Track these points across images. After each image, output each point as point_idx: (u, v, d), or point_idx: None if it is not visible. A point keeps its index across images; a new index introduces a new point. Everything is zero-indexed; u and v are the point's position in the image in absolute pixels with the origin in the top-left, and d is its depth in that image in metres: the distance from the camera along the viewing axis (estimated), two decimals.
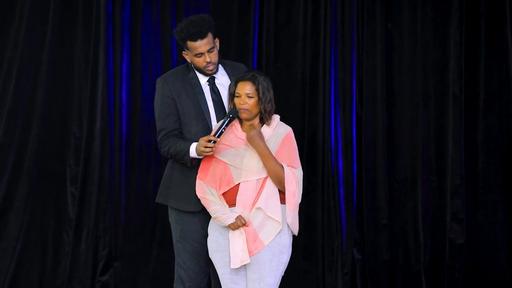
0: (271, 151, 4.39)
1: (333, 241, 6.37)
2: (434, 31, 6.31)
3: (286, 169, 4.37)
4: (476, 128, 6.29)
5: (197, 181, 4.50)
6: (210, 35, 4.54)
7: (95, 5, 6.44)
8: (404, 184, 6.36)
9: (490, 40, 6.25)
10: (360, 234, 6.37)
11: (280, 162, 4.37)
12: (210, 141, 4.37)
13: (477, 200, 6.29)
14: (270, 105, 4.44)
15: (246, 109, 4.41)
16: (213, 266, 4.63)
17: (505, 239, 6.24)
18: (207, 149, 4.38)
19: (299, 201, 4.42)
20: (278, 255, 4.38)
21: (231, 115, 4.42)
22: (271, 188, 4.37)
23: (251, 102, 4.41)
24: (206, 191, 4.45)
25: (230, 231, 4.37)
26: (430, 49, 6.32)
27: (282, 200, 4.39)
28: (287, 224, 4.40)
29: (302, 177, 4.45)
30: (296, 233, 4.45)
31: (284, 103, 6.21)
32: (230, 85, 4.49)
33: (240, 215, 4.35)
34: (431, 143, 6.33)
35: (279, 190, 4.39)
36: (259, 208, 4.35)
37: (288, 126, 4.51)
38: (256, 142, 4.37)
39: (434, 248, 6.30)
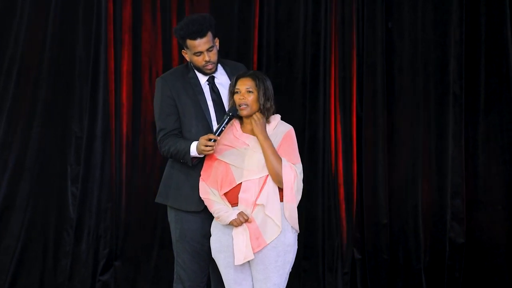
0: None
1: (333, 241, 6.36)
2: (435, 30, 6.31)
3: (285, 161, 4.36)
4: (477, 127, 6.28)
5: (200, 182, 4.50)
6: (210, 34, 4.54)
7: (95, 4, 6.45)
8: (404, 184, 6.36)
9: (491, 39, 6.24)
10: (360, 233, 6.36)
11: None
12: (210, 139, 4.37)
13: (477, 199, 6.28)
14: (269, 103, 4.45)
15: (246, 105, 4.41)
16: (213, 266, 4.64)
17: (505, 239, 6.23)
18: (208, 148, 4.39)
19: (299, 197, 4.41)
20: (283, 255, 4.37)
21: (230, 113, 4.42)
22: (271, 187, 4.36)
23: (251, 97, 4.42)
24: (209, 191, 4.45)
25: (234, 228, 4.36)
26: (431, 48, 6.31)
27: (282, 198, 4.38)
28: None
29: (302, 173, 4.44)
30: (296, 227, 4.41)
31: (284, 102, 6.19)
32: (230, 83, 4.50)
33: (242, 211, 4.33)
34: (432, 143, 6.32)
35: (279, 189, 4.38)
36: (261, 205, 4.34)
37: (289, 125, 4.52)
38: (260, 129, 4.38)
39: (434, 248, 6.29)
